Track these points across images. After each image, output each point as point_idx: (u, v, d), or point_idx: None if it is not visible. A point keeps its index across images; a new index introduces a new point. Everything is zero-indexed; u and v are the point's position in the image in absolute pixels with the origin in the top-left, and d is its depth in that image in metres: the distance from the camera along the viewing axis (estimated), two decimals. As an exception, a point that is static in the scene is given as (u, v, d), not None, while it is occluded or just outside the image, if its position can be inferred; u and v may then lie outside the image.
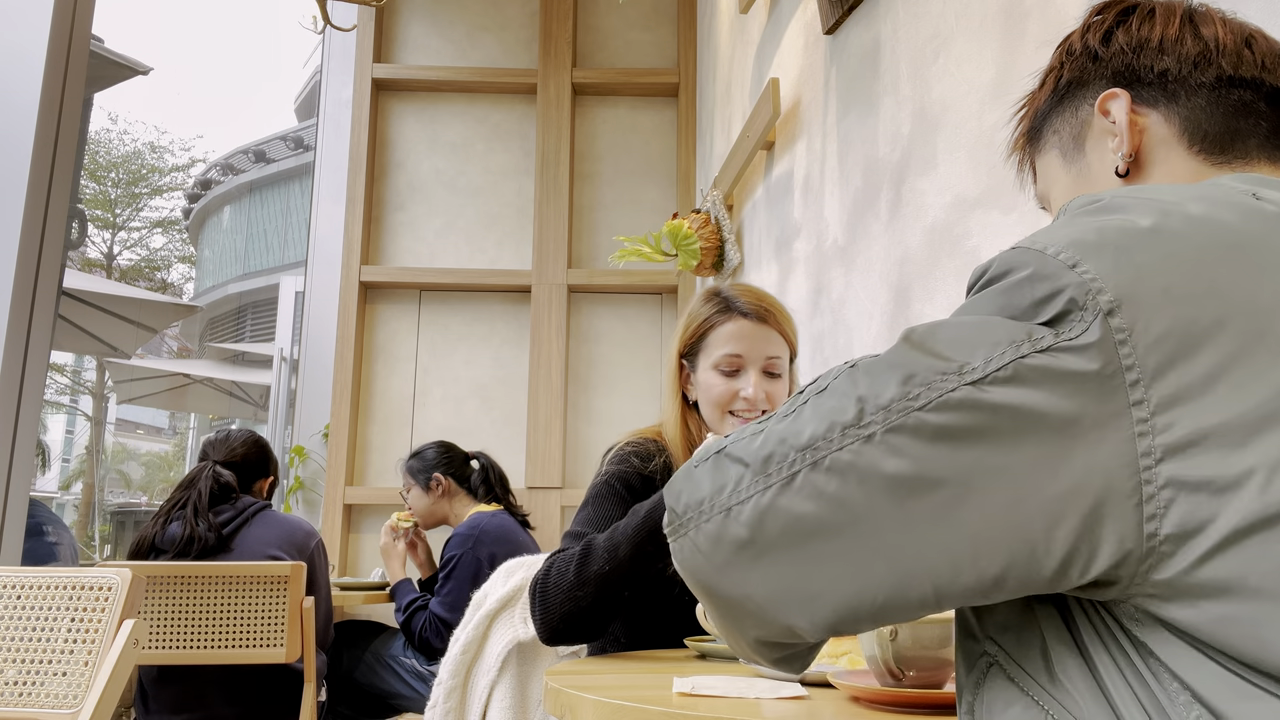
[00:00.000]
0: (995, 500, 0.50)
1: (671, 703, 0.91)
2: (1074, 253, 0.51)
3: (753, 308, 1.46)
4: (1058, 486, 0.49)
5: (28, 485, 2.67)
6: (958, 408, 0.50)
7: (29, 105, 2.74)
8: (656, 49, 4.26)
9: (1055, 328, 0.50)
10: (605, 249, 4.05)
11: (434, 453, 2.91)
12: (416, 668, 2.70)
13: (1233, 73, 0.66)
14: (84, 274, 12.35)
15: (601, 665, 1.23)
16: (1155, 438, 0.47)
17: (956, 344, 0.52)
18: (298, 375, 4.67)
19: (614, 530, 1.32)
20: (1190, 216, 0.52)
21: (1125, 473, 0.48)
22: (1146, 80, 0.68)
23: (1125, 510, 0.48)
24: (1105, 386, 0.48)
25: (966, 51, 1.52)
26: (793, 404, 0.58)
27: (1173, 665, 0.48)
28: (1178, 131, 0.67)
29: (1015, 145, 0.81)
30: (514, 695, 1.56)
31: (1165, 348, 0.48)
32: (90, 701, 1.49)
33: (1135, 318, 0.49)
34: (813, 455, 0.54)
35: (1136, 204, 0.54)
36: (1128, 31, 0.70)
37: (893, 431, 0.51)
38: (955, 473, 0.50)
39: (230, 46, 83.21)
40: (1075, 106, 0.72)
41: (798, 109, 2.39)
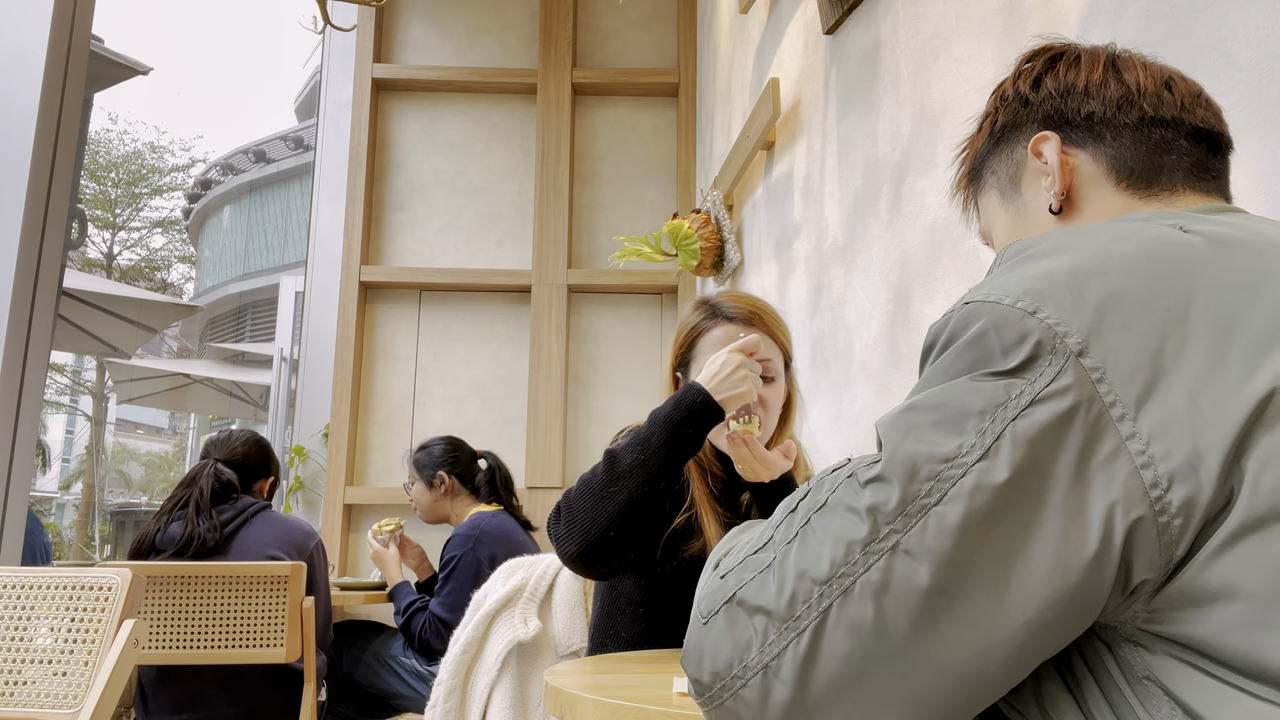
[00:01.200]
0: (1038, 565, 0.49)
1: (671, 703, 0.91)
2: (1031, 300, 0.53)
3: (740, 311, 1.45)
4: (1091, 532, 0.49)
5: (28, 485, 2.67)
6: (974, 493, 0.50)
7: (29, 105, 2.74)
8: (656, 49, 4.26)
9: (1027, 375, 0.51)
10: (605, 249, 4.05)
11: (440, 449, 2.89)
12: (416, 668, 2.70)
13: (1154, 113, 0.70)
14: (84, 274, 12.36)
15: (601, 665, 1.23)
16: (1158, 467, 0.48)
17: (943, 426, 0.52)
18: (298, 375, 4.67)
19: (635, 432, 1.31)
20: (1126, 254, 0.54)
21: (1143, 505, 0.48)
22: (1074, 123, 0.72)
23: (1150, 539, 0.49)
24: (1096, 426, 0.49)
25: (966, 51, 1.52)
26: (791, 526, 0.56)
27: (1167, 683, 0.49)
28: (1105, 169, 0.70)
29: (958, 186, 0.84)
30: (514, 695, 1.56)
31: (1141, 378, 0.50)
32: (90, 701, 1.49)
33: (1105, 355, 0.50)
34: (840, 586, 0.52)
35: (1071, 247, 0.56)
36: (1055, 77, 0.74)
37: (915, 534, 0.51)
38: (992, 556, 0.50)
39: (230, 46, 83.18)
40: (1010, 149, 0.76)
41: (798, 109, 2.39)
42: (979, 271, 1.41)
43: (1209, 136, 0.71)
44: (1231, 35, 0.95)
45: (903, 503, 0.51)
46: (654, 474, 1.27)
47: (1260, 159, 0.92)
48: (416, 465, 2.89)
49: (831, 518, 0.54)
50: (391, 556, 2.86)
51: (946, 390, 0.54)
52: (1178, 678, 0.49)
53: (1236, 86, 0.95)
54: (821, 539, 0.53)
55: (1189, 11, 1.02)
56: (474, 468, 2.90)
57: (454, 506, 2.86)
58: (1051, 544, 0.49)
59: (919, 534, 0.50)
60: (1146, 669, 0.50)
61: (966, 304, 0.56)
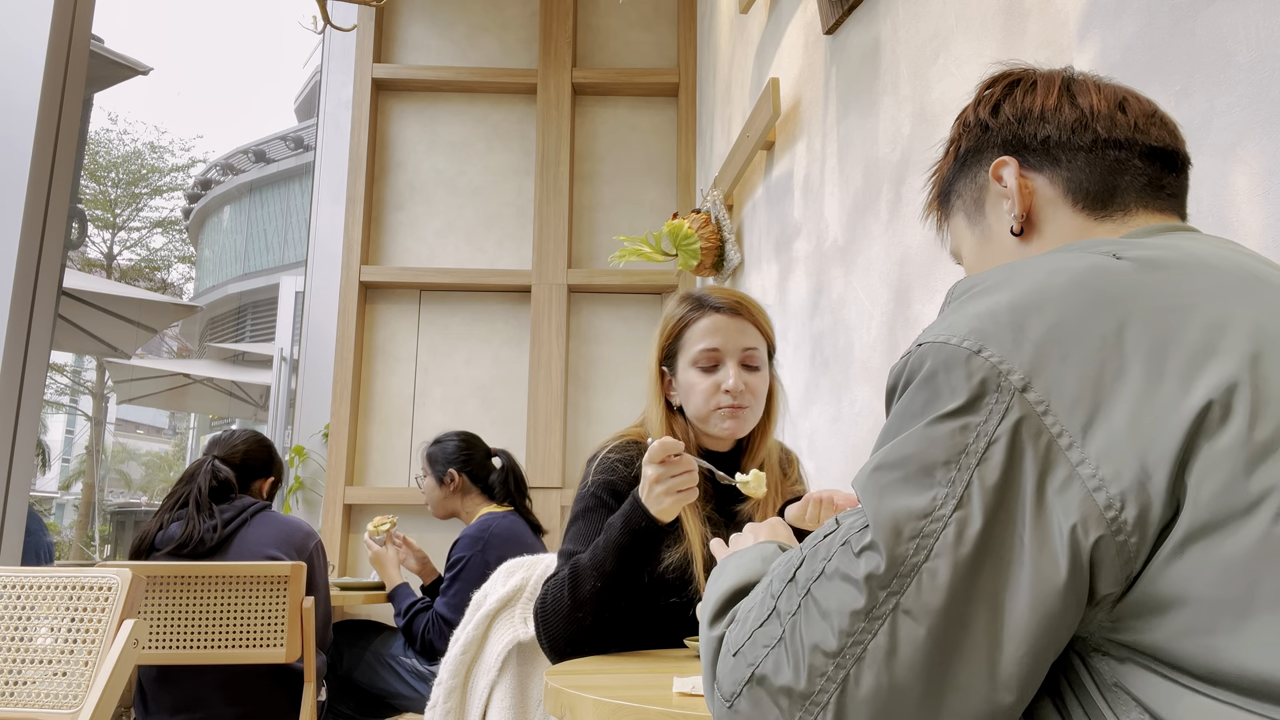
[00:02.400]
0: (1023, 599, 0.52)
1: (671, 703, 0.91)
2: (975, 339, 0.56)
3: (725, 302, 1.47)
4: (1060, 559, 0.52)
5: (28, 485, 2.67)
6: (957, 544, 0.53)
7: (29, 105, 2.74)
8: (656, 49, 4.26)
9: (977, 414, 0.54)
10: (605, 249, 4.04)
11: (453, 446, 2.87)
12: (417, 667, 2.69)
13: (1107, 135, 0.73)
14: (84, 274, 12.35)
15: (601, 665, 1.23)
16: (1110, 488, 0.51)
17: (913, 481, 0.55)
18: (298, 375, 4.67)
19: (594, 548, 1.33)
20: (1061, 286, 0.57)
21: (1100, 525, 0.51)
22: (1032, 147, 0.75)
23: (1110, 556, 0.51)
24: (1047, 457, 0.53)
25: (966, 51, 1.52)
26: (792, 597, 0.59)
27: (1134, 690, 0.51)
28: (1062, 192, 0.74)
29: (929, 208, 0.89)
30: (514, 695, 1.56)
31: (1084, 406, 0.53)
32: (90, 701, 1.49)
33: (1048, 388, 0.53)
34: (852, 656, 0.54)
35: (1010, 282, 0.59)
36: (1013, 103, 0.77)
37: (912, 594, 0.53)
38: (983, 600, 0.53)
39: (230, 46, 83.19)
40: (974, 173, 0.80)
41: (798, 109, 2.39)
42: (979, 271, 1.41)
43: (1163, 155, 0.73)
44: (1231, 35, 0.95)
45: (894, 565, 0.54)
46: (613, 598, 1.31)
47: (1260, 159, 0.92)
48: (429, 460, 2.87)
49: (831, 588, 0.56)
50: (390, 558, 2.85)
51: (907, 442, 0.57)
52: (1143, 683, 0.51)
53: (1236, 86, 0.95)
54: (825, 610, 0.56)
55: (1189, 11, 1.02)
56: (487, 466, 2.87)
57: (464, 504, 2.84)
58: (1029, 576, 0.52)
59: (915, 593, 0.53)
60: (1115, 677, 0.52)
61: (919, 345, 0.60)
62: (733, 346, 1.44)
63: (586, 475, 1.48)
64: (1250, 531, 0.49)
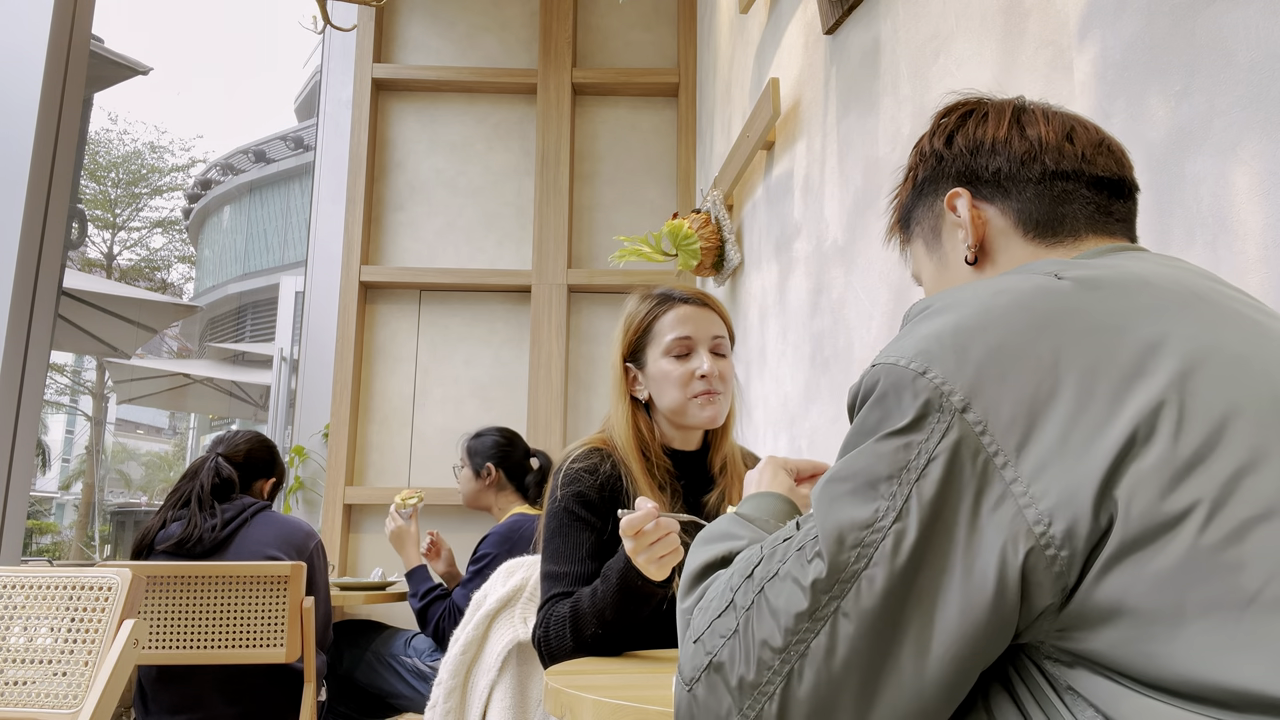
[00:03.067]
0: (952, 609, 0.56)
1: (671, 703, 0.91)
2: (922, 361, 0.59)
3: (691, 294, 1.52)
4: (989, 574, 0.55)
5: (28, 485, 2.67)
6: (894, 554, 0.56)
7: (29, 105, 2.74)
8: (656, 49, 4.26)
9: (920, 432, 0.58)
10: (605, 249, 4.04)
11: (493, 440, 2.87)
12: (418, 666, 2.69)
13: (1055, 167, 0.76)
14: (84, 274, 12.36)
15: (601, 665, 1.23)
16: (1039, 505, 0.54)
17: (859, 494, 0.59)
18: (298, 375, 4.66)
19: (594, 593, 1.33)
20: (1003, 308, 0.60)
21: (1029, 540, 0.54)
22: (984, 179, 0.79)
23: (1042, 570, 0.54)
24: (984, 475, 0.56)
25: (966, 51, 1.52)
26: (748, 593, 0.63)
27: (1086, 693, 0.54)
28: (1013, 222, 0.77)
29: (890, 231, 0.91)
30: (514, 695, 1.56)
31: (1019, 426, 0.56)
32: (90, 701, 1.49)
33: (986, 409, 0.56)
34: (796, 652, 0.59)
35: (957, 305, 0.63)
36: (965, 134, 0.81)
37: (851, 599, 0.57)
38: (916, 608, 0.56)
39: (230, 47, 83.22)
40: (931, 202, 0.83)
41: (798, 109, 2.39)
42: (979, 271, 1.41)
43: (1110, 184, 0.76)
44: (1231, 35, 0.95)
45: (835, 571, 0.58)
46: (616, 638, 1.33)
47: (1260, 159, 0.92)
48: (469, 452, 2.87)
49: (782, 589, 0.60)
50: (411, 534, 2.83)
51: (857, 457, 0.60)
52: (1093, 686, 0.54)
53: (1236, 86, 0.95)
54: (775, 609, 0.60)
55: (1189, 11, 1.02)
56: (525, 465, 2.88)
57: (497, 500, 2.85)
58: (959, 588, 0.55)
59: (854, 598, 0.57)
60: (1067, 680, 0.55)
61: (873, 365, 0.63)
62: (703, 335, 1.49)
63: (554, 490, 1.47)
64: (1178, 545, 0.51)
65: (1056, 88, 1.27)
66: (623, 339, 1.54)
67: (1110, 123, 1.14)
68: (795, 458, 1.17)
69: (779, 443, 2.43)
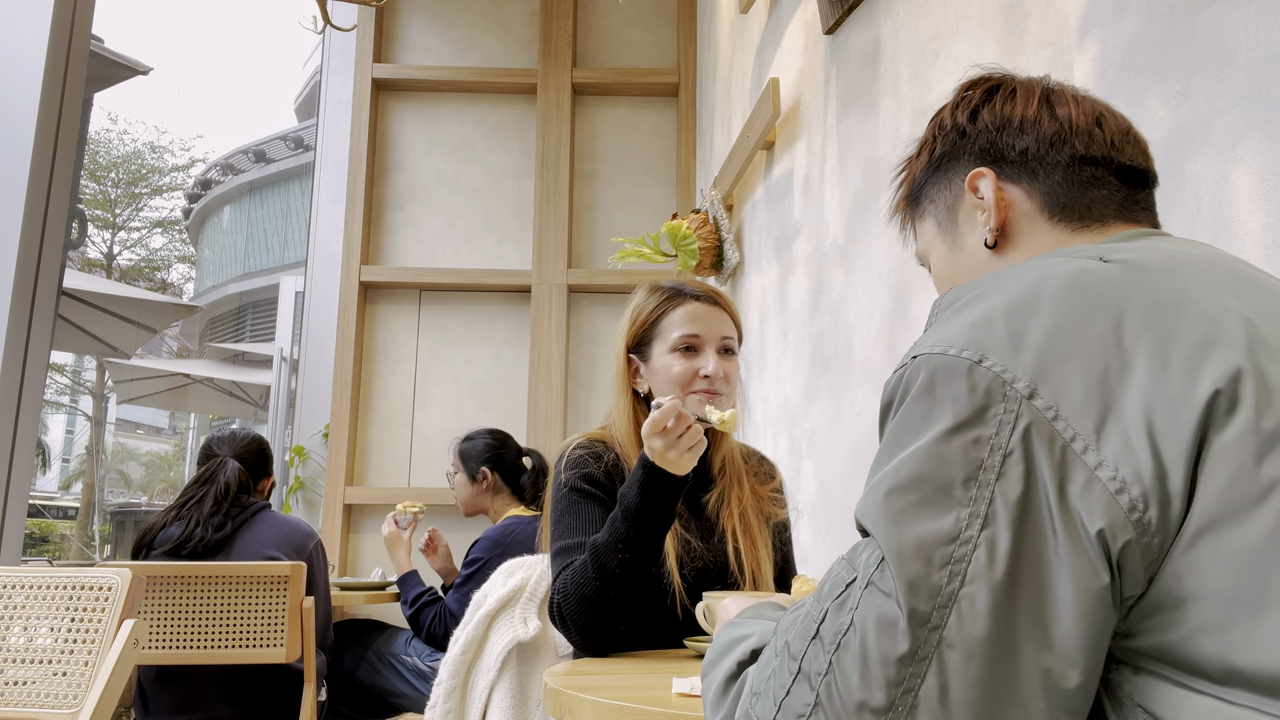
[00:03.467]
0: (1069, 610, 0.50)
1: (670, 703, 0.91)
2: (975, 349, 0.55)
3: (702, 291, 1.50)
4: (1098, 563, 0.50)
5: (28, 485, 2.67)
6: (990, 565, 0.51)
7: (29, 105, 2.74)
8: (656, 49, 4.26)
9: (985, 426, 0.53)
10: (605, 249, 4.04)
11: (485, 443, 2.86)
12: (418, 666, 2.69)
13: (1084, 152, 0.72)
14: (84, 274, 12.36)
15: (601, 665, 1.23)
16: (1131, 490, 0.50)
17: (931, 503, 0.53)
18: (298, 375, 4.67)
19: (612, 523, 1.31)
20: (1054, 290, 0.56)
21: (1126, 530, 0.49)
22: (1009, 159, 0.74)
23: (1136, 559, 0.50)
24: (1064, 463, 0.51)
25: (966, 51, 1.52)
26: (819, 655, 0.54)
27: (1143, 700, 0.50)
28: (1039, 206, 0.73)
29: (896, 208, 0.86)
30: (514, 695, 1.56)
31: (1094, 407, 0.51)
32: (90, 701, 1.49)
33: (1055, 393, 0.52)
34: (905, 705, 0.51)
35: (1001, 290, 0.58)
36: (992, 110, 0.76)
37: (953, 626, 0.50)
38: (1028, 620, 0.50)
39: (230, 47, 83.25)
40: (948, 180, 0.78)
41: (798, 109, 2.39)
42: (979, 271, 1.41)
43: (1135, 174, 0.73)
44: (1231, 35, 0.95)
45: (932, 597, 0.51)
46: (642, 564, 1.30)
47: (1260, 159, 0.92)
48: (462, 456, 2.86)
49: (865, 637, 0.52)
50: (404, 541, 2.84)
51: (916, 461, 0.54)
52: (1156, 694, 0.50)
53: (1236, 86, 0.95)
54: (865, 663, 0.52)
55: (1189, 11, 1.02)
56: (519, 466, 2.86)
57: (494, 503, 2.83)
58: (1071, 587, 0.50)
59: (956, 624, 0.50)
60: (1128, 689, 0.51)
61: (914, 357, 0.58)
62: (712, 334, 1.46)
63: (557, 475, 1.47)
64: (1261, 522, 0.48)
65: (1056, 88, 1.27)
66: (628, 330, 1.52)
67: (1110, 123, 1.14)
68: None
69: (779, 443, 2.43)
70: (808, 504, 2.15)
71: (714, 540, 1.45)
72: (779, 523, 1.55)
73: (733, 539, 1.45)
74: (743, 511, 1.48)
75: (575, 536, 1.38)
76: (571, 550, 1.36)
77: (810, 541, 2.11)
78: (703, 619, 1.25)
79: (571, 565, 1.33)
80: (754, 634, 0.68)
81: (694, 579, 1.40)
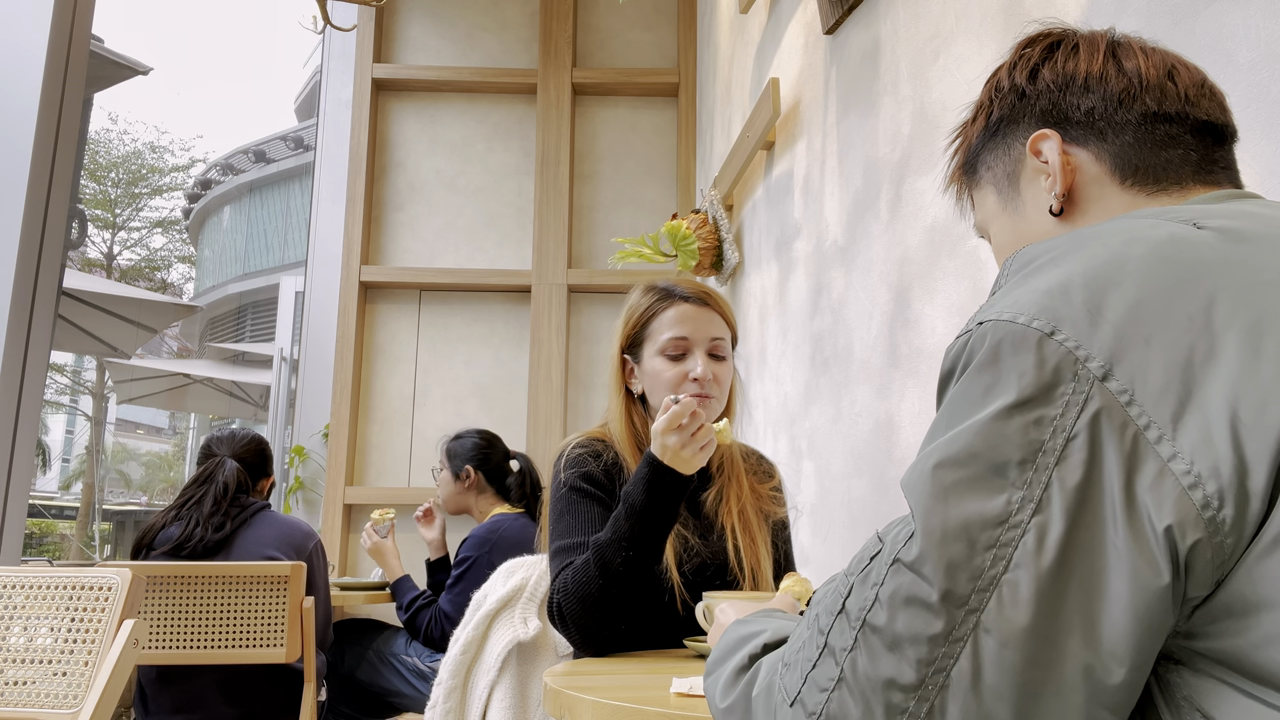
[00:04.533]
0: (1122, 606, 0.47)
1: (670, 704, 0.91)
2: (1047, 319, 0.50)
3: (693, 292, 1.48)
4: (1160, 561, 0.47)
5: (28, 485, 2.67)
6: (1039, 552, 0.48)
7: (29, 105, 2.74)
8: (656, 49, 4.26)
9: (1052, 404, 0.49)
10: (605, 249, 4.05)
11: (473, 443, 2.88)
12: (418, 666, 2.70)
13: (1157, 109, 0.67)
14: (84, 274, 12.36)
15: (600, 666, 1.23)
16: (1207, 486, 0.46)
17: (982, 482, 0.50)
18: (298, 375, 4.67)
19: (615, 521, 1.30)
20: (1140, 259, 0.52)
21: (1197, 529, 0.46)
22: (1074, 119, 0.69)
23: (1205, 560, 0.47)
24: (1134, 452, 0.47)
25: (966, 51, 1.52)
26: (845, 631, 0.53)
27: (1201, 703, 0.47)
28: (1109, 169, 0.67)
29: (952, 178, 0.81)
30: (514, 695, 1.56)
31: (1173, 394, 0.47)
32: (90, 701, 1.49)
33: (1131, 375, 0.48)
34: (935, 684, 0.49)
35: (1081, 254, 0.54)
36: (1053, 68, 0.70)
37: (993, 611, 0.48)
38: (1076, 611, 0.47)
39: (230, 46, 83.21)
40: (1008, 145, 0.73)
41: (798, 109, 2.39)
42: (979, 271, 1.41)
43: (1213, 129, 0.67)
44: (1231, 35, 0.95)
45: (972, 579, 0.48)
46: (645, 562, 1.30)
47: (1260, 159, 0.92)
48: (448, 454, 2.88)
49: (895, 614, 0.50)
50: (391, 549, 2.86)
51: (971, 436, 0.51)
52: (1214, 698, 0.47)
53: (1236, 86, 0.95)
54: (894, 639, 0.50)
55: (1189, 11, 1.02)
56: (505, 468, 2.88)
57: (478, 502, 2.85)
58: (1127, 583, 0.47)
59: (996, 610, 0.48)
60: (1186, 691, 0.48)
61: (980, 323, 0.53)
62: (701, 336, 1.46)
63: (557, 474, 1.46)
64: None
65: (1056, 88, 1.27)
66: (622, 331, 1.52)
67: (1110, 123, 1.14)
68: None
69: (779, 443, 2.43)
70: (807, 504, 2.15)
71: (713, 538, 1.45)
72: (778, 521, 1.54)
73: (732, 536, 1.45)
74: (741, 509, 1.48)
75: (575, 536, 1.37)
76: (571, 550, 1.36)
77: (810, 542, 2.11)
78: (703, 618, 1.25)
79: (572, 564, 1.33)
80: (766, 629, 0.67)
81: (693, 576, 1.40)
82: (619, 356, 1.52)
